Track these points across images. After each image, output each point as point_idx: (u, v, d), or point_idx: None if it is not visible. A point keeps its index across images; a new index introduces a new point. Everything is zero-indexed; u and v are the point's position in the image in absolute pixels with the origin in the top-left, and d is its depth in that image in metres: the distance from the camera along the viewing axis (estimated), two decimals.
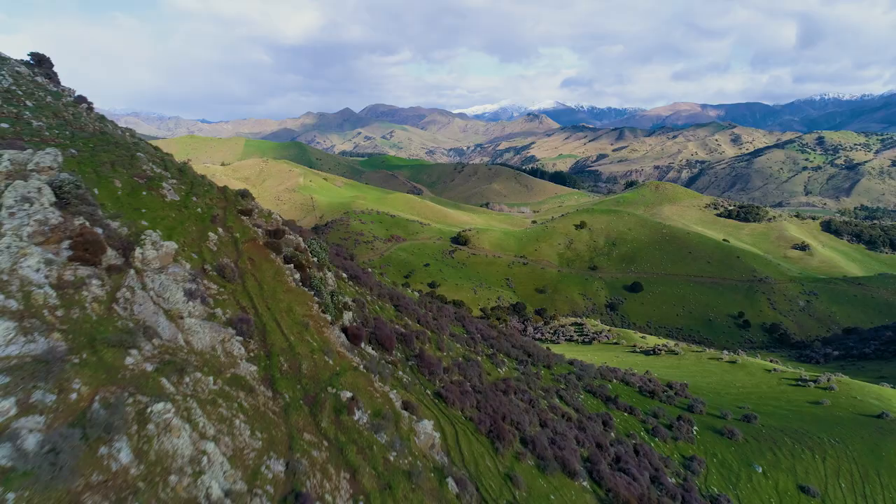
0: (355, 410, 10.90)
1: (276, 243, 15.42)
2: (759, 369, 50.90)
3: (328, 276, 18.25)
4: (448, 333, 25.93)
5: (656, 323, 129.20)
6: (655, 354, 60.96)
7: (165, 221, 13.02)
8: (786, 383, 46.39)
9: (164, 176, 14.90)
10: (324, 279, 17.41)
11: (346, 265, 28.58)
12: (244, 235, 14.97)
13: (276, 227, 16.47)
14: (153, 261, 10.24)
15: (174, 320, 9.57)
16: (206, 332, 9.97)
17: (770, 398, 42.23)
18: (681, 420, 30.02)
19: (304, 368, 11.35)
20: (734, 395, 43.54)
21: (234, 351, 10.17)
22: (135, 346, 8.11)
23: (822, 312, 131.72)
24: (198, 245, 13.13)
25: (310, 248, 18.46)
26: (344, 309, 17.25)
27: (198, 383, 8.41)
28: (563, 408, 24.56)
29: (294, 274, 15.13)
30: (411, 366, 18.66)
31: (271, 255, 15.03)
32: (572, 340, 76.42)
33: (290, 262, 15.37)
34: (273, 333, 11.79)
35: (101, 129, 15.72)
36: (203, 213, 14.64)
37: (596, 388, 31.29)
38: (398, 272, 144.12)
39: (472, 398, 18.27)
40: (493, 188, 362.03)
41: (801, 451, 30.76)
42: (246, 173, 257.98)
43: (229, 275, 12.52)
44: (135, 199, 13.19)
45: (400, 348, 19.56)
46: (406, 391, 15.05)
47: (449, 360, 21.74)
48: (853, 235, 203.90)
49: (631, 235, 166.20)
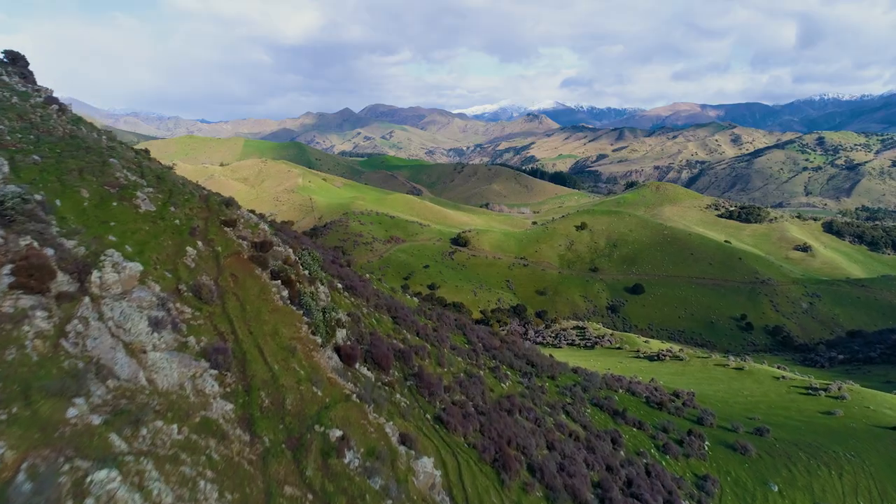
0: (346, 452, 9.65)
1: (263, 257, 14.15)
2: (766, 377, 49.66)
3: (320, 290, 16.97)
4: (449, 346, 24.65)
5: (658, 325, 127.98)
6: (660, 360, 59.70)
7: (137, 236, 11.76)
8: (795, 392, 45.15)
9: (139, 184, 13.62)
10: (315, 294, 16.13)
11: (341, 273, 27.30)
12: (227, 249, 13.69)
13: (263, 239, 15.19)
14: (113, 285, 8.99)
15: (135, 355, 8.31)
16: (175, 368, 8.71)
17: (780, 408, 40.98)
18: (691, 435, 28.76)
19: (289, 403, 10.09)
20: (743, 403, 42.29)
21: (207, 388, 8.91)
22: (81, 393, 6.86)
23: (825, 315, 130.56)
24: (173, 262, 11.86)
25: (301, 259, 17.17)
26: (337, 326, 15.95)
27: (157, 435, 7.15)
28: (571, 425, 23.30)
29: (281, 291, 13.85)
30: (410, 386, 17.37)
31: (256, 271, 13.75)
32: (574, 345, 75.20)
33: (278, 278, 14.10)
34: (254, 363, 10.53)
35: (71, 133, 14.48)
36: (181, 224, 13.37)
37: (602, 401, 30.02)
38: (398, 274, 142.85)
39: (476, 421, 17.02)
40: (492, 189, 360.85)
41: (817, 467, 29.51)
42: (245, 174, 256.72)
43: (206, 295, 11.24)
44: (103, 210, 11.92)
45: (398, 366, 18.27)
46: (404, 419, 13.79)
47: (450, 378, 20.46)
48: (855, 236, 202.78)
49: (632, 237, 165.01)
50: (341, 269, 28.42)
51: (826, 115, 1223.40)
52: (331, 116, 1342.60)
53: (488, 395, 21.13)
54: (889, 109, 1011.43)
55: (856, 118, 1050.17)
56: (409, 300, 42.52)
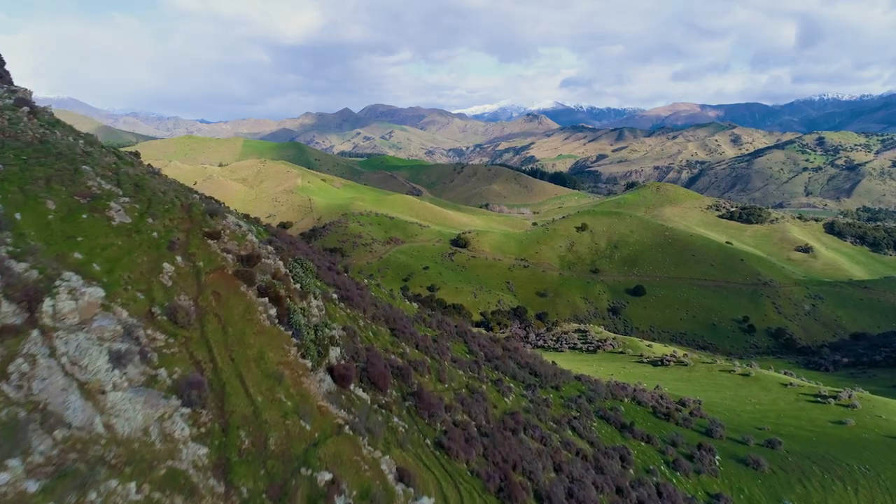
0: (336, 498, 8.58)
1: (249, 272, 13.05)
2: (774, 383, 48.59)
3: (313, 304, 15.87)
4: (450, 359, 23.55)
5: (659, 328, 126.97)
6: (664, 366, 58.63)
7: (107, 252, 10.67)
8: (804, 399, 44.07)
9: (114, 193, 12.53)
10: (307, 310, 15.03)
11: (337, 281, 26.21)
12: (209, 264, 12.60)
13: (250, 252, 14.08)
14: (70, 315, 7.92)
15: (92, 397, 7.22)
16: (139, 409, 7.62)
17: (789, 417, 39.91)
18: (702, 449, 27.69)
19: (273, 443, 9.01)
20: (751, 412, 41.22)
21: (177, 431, 7.83)
22: (18, 452, 5.78)
23: (827, 316, 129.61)
24: (147, 281, 10.77)
25: (292, 272, 16.07)
26: (330, 344, 14.85)
27: (110, 498, 6.07)
28: (578, 442, 22.22)
29: (269, 309, 12.75)
30: (409, 407, 16.28)
31: (241, 288, 12.65)
32: (576, 349, 74.11)
33: (265, 295, 13.00)
34: (234, 396, 9.44)
35: (41, 138, 13.41)
36: (159, 237, 12.28)
37: (609, 413, 28.94)
38: (397, 275, 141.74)
39: (478, 444, 15.95)
40: (492, 189, 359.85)
41: (832, 481, 28.44)
42: (243, 174, 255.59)
43: (183, 319, 10.15)
44: (70, 224, 10.83)
45: (396, 385, 17.18)
46: (402, 449, 12.71)
47: (451, 395, 19.36)
48: (857, 237, 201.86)
49: (633, 238, 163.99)
50: (337, 277, 27.32)
51: (826, 115, 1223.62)
52: (330, 116, 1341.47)
53: (491, 412, 20.04)
54: (889, 109, 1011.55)
55: (855, 118, 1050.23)
56: (408, 306, 41.44)
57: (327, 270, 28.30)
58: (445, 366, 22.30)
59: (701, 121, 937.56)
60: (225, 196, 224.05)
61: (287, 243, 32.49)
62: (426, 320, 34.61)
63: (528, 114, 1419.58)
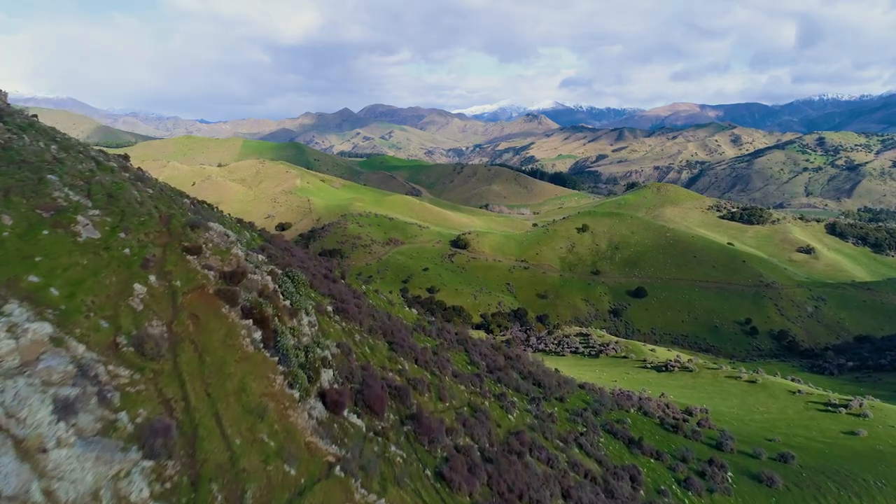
0: None
1: (232, 291, 11.91)
2: (782, 391, 47.48)
3: (304, 322, 14.72)
4: (451, 373, 22.40)
5: (661, 330, 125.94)
6: (668, 371, 57.51)
7: (70, 273, 9.54)
8: (814, 408, 42.97)
9: (83, 206, 11.37)
10: (297, 329, 13.88)
11: (333, 291, 25.05)
12: (188, 283, 11.45)
13: (235, 268, 12.93)
14: (8, 356, 6.75)
15: (31, 457, 6.09)
16: (89, 468, 6.48)
17: (799, 427, 38.80)
18: (713, 464, 26.57)
19: (251, 496, 7.88)
20: (759, 422, 40.11)
21: (133, 493, 6.68)
22: None
23: (830, 319, 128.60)
24: (114, 305, 9.62)
25: (281, 287, 14.91)
26: (322, 367, 13.71)
27: None
28: (586, 462, 21.10)
29: (253, 332, 11.61)
30: (407, 432, 15.14)
31: (223, 309, 11.50)
32: (578, 353, 72.99)
33: (250, 316, 11.86)
34: (208, 440, 8.31)
35: (5, 144, 12.25)
36: (132, 254, 11.13)
37: (616, 427, 27.81)
38: (396, 277, 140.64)
39: (482, 472, 14.84)
40: (492, 189, 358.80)
41: (848, 498, 27.32)
42: (242, 175, 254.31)
43: (152, 349, 9.00)
44: (29, 242, 9.70)
45: (393, 407, 16.04)
46: (398, 486, 11.59)
47: (452, 415, 18.22)
48: (858, 238, 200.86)
49: (634, 239, 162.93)
50: (333, 286, 26.16)
51: (825, 115, 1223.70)
52: (330, 117, 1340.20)
53: (495, 432, 18.90)
54: (888, 110, 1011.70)
55: (855, 118, 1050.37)
56: (407, 313, 40.29)
57: (323, 279, 27.15)
58: (446, 381, 21.16)
59: (701, 121, 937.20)
60: (223, 197, 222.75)
61: (282, 249, 31.35)
62: (426, 328, 33.47)
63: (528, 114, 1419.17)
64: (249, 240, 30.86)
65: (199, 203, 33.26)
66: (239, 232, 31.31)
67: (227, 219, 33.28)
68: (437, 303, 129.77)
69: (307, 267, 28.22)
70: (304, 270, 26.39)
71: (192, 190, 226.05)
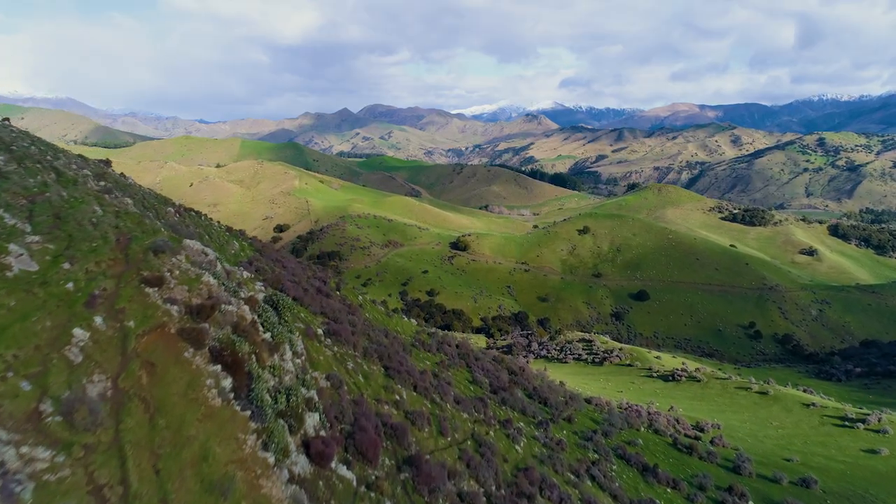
0: None
1: (198, 330, 10.15)
2: (795, 403, 45.77)
3: (287, 357, 12.95)
4: (452, 399, 20.66)
5: (664, 333, 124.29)
6: (675, 381, 55.79)
7: None
8: (829, 423, 41.26)
9: (19, 231, 9.61)
10: (278, 368, 12.12)
11: (326, 308, 23.28)
12: (144, 323, 9.68)
13: (204, 300, 11.16)
14: None
15: None
16: None
17: (817, 444, 37.09)
18: (733, 493, 24.84)
19: None
20: (774, 438, 38.40)
21: None
22: None
23: (835, 322, 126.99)
24: (43, 359, 7.87)
25: (262, 316, 13.14)
26: (307, 410, 11.96)
27: None
28: (600, 497, 19.38)
29: (222, 380, 9.84)
30: (404, 481, 13.38)
31: (186, 353, 9.73)
32: (581, 360, 71.27)
33: (219, 360, 10.10)
34: None
35: None
36: (76, 290, 9.39)
37: (628, 452, 26.07)
38: (396, 280, 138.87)
39: None
40: (492, 190, 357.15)
41: None
42: (240, 175, 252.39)
43: (85, 418, 7.24)
44: None
45: (389, 449, 14.28)
46: None
47: (454, 453, 16.47)
48: (861, 240, 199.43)
49: (636, 241, 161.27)
50: (326, 301, 24.39)
51: (825, 115, 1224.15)
52: (329, 117, 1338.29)
53: (502, 470, 17.16)
54: (888, 110, 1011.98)
55: (854, 119, 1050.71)
56: (406, 324, 38.55)
57: (315, 294, 25.37)
58: (448, 410, 19.41)
59: (700, 121, 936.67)
60: (221, 198, 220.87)
61: (272, 261, 29.60)
62: (425, 343, 31.73)
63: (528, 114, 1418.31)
64: (238, 250, 29.08)
65: (187, 211, 31.49)
66: (227, 242, 29.51)
67: (216, 227, 31.50)
68: (437, 306, 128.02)
69: (299, 280, 26.46)
70: (296, 285, 24.64)
71: (189, 191, 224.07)
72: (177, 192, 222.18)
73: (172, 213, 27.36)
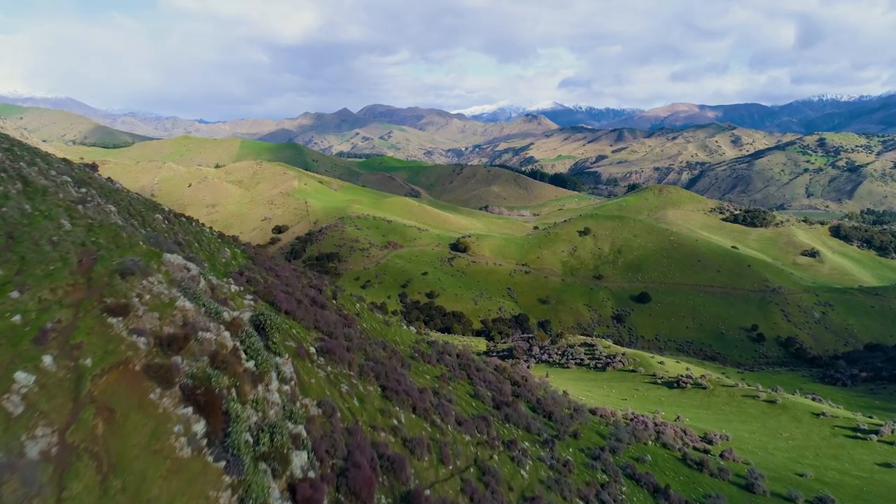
0: None
1: (166, 366, 8.93)
2: (805, 412, 44.60)
3: (273, 387, 11.75)
4: (454, 420, 19.46)
5: (665, 336, 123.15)
6: (680, 388, 54.61)
7: None
8: (841, 434, 40.10)
9: None
10: (261, 401, 10.90)
11: (320, 320, 22.07)
12: (104, 360, 8.48)
13: (178, 329, 9.96)
14: None
15: None
16: None
17: (829, 457, 35.92)
18: None
19: None
20: (785, 450, 37.23)
21: None
22: None
23: (838, 325, 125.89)
24: None
25: (245, 342, 11.92)
26: (294, 448, 10.75)
27: None
28: None
29: (193, 425, 8.63)
30: None
31: (151, 394, 8.52)
32: (584, 365, 70.06)
33: (191, 400, 8.90)
34: None
35: None
36: (24, 323, 8.20)
37: (638, 472, 24.88)
38: (395, 281, 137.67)
39: None
40: (492, 191, 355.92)
41: None
42: (239, 176, 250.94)
43: (16, 494, 6.05)
44: None
45: (385, 485, 13.09)
46: None
47: (457, 485, 15.28)
48: (863, 241, 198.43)
49: (637, 242, 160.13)
50: (321, 314, 23.17)
51: (824, 115, 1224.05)
52: (329, 117, 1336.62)
53: (507, 501, 15.97)
54: (888, 110, 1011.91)
55: (854, 119, 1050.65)
56: (405, 333, 37.35)
57: (310, 305, 24.15)
58: (449, 433, 18.22)
59: (700, 121, 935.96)
60: (220, 198, 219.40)
61: (265, 269, 28.38)
62: (425, 354, 30.53)
63: (527, 114, 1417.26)
64: (230, 258, 27.86)
65: (177, 217, 30.26)
66: (218, 250, 28.31)
67: (208, 234, 30.26)
68: (437, 308, 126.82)
69: (292, 290, 25.24)
70: (289, 296, 23.43)
71: (188, 191, 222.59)
72: (175, 193, 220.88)
73: (160, 220, 26.15)
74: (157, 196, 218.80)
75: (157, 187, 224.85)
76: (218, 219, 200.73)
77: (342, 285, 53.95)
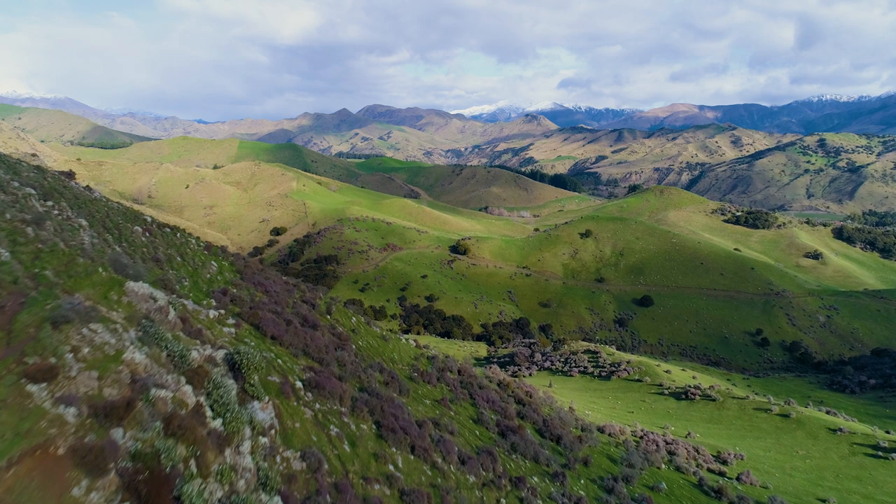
0: None
1: (98, 448, 7.08)
2: (820, 428, 42.77)
3: (244, 448, 9.90)
4: (456, 458, 17.62)
5: (668, 341, 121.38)
6: (689, 399, 52.79)
7: None
8: (861, 452, 38.30)
9: None
10: (227, 471, 9.05)
11: (310, 344, 20.21)
12: (14, 445, 6.65)
13: (121, 392, 8.14)
14: None
15: None
16: None
17: (851, 479, 34.13)
18: None
19: None
20: (803, 471, 35.41)
21: None
22: None
23: (843, 329, 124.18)
24: None
25: (212, 395, 10.08)
26: None
27: None
28: None
29: None
30: None
31: (76, 488, 6.68)
32: (587, 373, 68.22)
33: (130, 489, 7.07)
34: None
35: None
36: None
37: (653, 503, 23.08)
38: (394, 284, 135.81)
39: None
40: (492, 192, 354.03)
41: None
42: (237, 177, 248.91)
43: None
44: None
45: None
46: None
47: None
48: (867, 243, 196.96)
49: (639, 245, 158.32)
50: (312, 335, 21.33)
51: (824, 116, 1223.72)
52: (328, 117, 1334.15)
53: None
54: (887, 111, 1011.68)
55: (854, 119, 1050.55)
56: (404, 347, 35.49)
57: (300, 325, 22.29)
58: (451, 475, 16.39)
59: (699, 121, 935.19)
60: (218, 200, 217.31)
61: (254, 284, 26.51)
62: (424, 373, 28.71)
63: (527, 114, 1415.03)
64: (215, 273, 26.00)
65: (160, 228, 28.37)
66: (204, 264, 26.45)
67: (193, 246, 28.36)
68: (437, 312, 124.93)
69: (281, 309, 23.38)
70: (277, 316, 21.60)
71: (186, 193, 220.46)
72: (173, 195, 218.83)
73: (140, 233, 24.29)
74: (154, 197, 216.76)
75: (154, 189, 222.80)
76: (215, 220, 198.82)
77: (338, 296, 52.00)
